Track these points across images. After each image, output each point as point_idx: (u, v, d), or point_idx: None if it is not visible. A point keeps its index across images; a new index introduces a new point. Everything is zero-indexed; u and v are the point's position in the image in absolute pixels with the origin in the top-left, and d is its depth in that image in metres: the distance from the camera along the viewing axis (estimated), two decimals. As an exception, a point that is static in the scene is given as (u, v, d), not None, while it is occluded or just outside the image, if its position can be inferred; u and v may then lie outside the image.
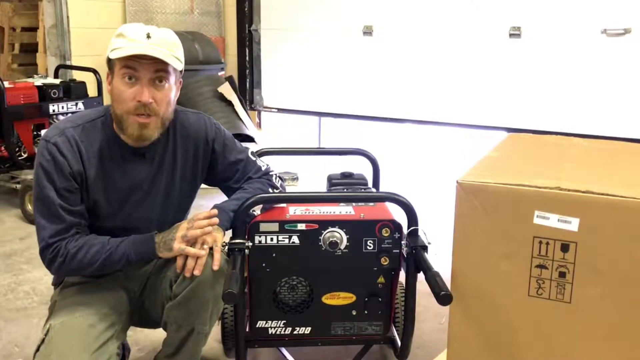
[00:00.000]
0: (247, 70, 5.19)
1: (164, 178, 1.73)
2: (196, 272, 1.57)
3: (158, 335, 1.85)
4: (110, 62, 1.61)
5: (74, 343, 1.54)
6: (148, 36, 1.56)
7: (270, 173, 1.89)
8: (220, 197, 1.82)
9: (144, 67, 1.56)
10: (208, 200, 1.91)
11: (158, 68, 1.58)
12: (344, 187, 2.18)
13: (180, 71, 1.66)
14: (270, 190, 1.84)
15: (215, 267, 1.58)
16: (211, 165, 1.82)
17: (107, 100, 4.08)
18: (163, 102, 1.61)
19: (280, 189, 1.90)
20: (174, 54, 1.59)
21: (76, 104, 3.94)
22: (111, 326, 1.63)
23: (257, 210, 1.73)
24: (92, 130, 1.65)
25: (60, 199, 1.58)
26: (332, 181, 2.22)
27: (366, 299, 1.77)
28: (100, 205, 1.66)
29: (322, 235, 1.70)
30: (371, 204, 1.84)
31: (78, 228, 1.62)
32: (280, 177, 1.92)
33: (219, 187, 1.89)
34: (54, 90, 3.85)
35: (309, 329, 1.80)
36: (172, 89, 1.64)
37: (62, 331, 1.56)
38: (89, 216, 1.67)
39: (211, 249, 1.60)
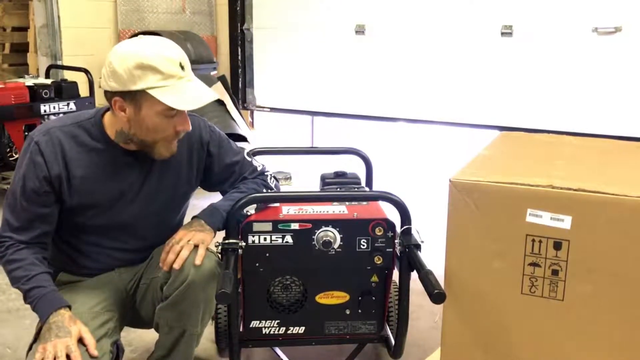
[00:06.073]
0: (240, 70, 5.17)
1: (155, 181, 1.71)
2: (175, 266, 1.57)
3: (151, 336, 1.84)
4: (132, 93, 1.51)
5: None
6: (181, 67, 1.54)
7: (266, 173, 1.88)
8: (212, 198, 1.81)
9: None
10: (202, 200, 1.89)
11: None
12: (337, 186, 2.18)
13: None
14: (264, 190, 1.84)
15: (198, 262, 1.57)
16: (207, 168, 1.80)
17: (99, 99, 4.06)
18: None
19: (275, 189, 1.89)
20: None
21: (68, 104, 3.91)
22: (104, 324, 1.63)
23: (251, 210, 1.72)
24: (81, 132, 1.63)
25: (24, 197, 1.58)
26: (325, 180, 2.22)
27: (360, 298, 1.77)
28: (86, 206, 1.65)
29: (316, 235, 1.70)
30: (364, 203, 1.84)
31: (25, 234, 1.59)
32: (274, 177, 1.92)
33: (216, 190, 1.87)
34: (45, 91, 3.83)
35: (303, 328, 1.79)
36: None
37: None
38: (75, 215, 1.65)
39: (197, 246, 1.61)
